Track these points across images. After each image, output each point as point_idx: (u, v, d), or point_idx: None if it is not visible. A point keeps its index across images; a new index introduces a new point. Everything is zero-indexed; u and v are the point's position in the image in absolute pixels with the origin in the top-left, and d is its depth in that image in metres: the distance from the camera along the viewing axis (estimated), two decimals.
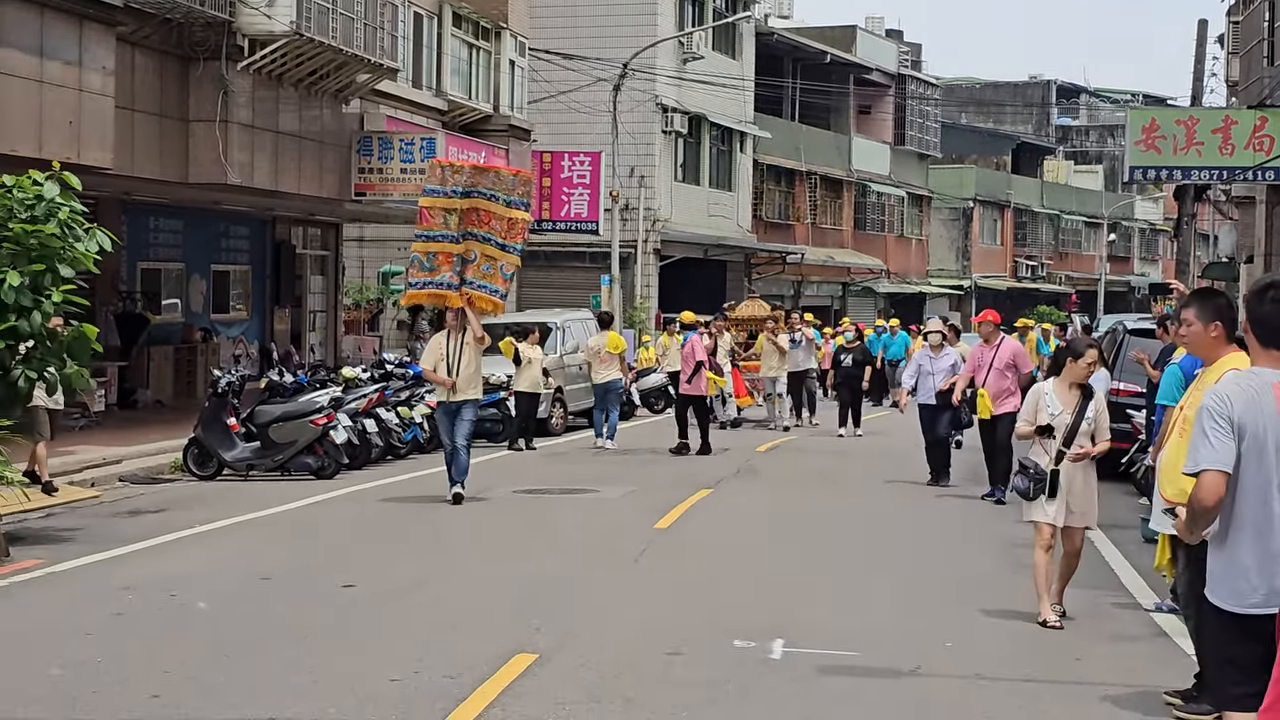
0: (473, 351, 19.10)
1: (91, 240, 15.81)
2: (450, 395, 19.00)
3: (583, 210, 42.81)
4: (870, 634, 11.16)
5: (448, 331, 19.40)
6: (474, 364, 19.10)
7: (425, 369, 19.63)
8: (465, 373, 18.98)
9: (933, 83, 74.11)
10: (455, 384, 18.86)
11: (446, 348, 19.17)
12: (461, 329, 19.19)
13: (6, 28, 20.38)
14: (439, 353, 19.21)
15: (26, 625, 11.29)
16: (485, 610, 11.90)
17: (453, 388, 18.90)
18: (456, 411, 18.96)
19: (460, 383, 18.92)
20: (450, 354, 19.08)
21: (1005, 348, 19.62)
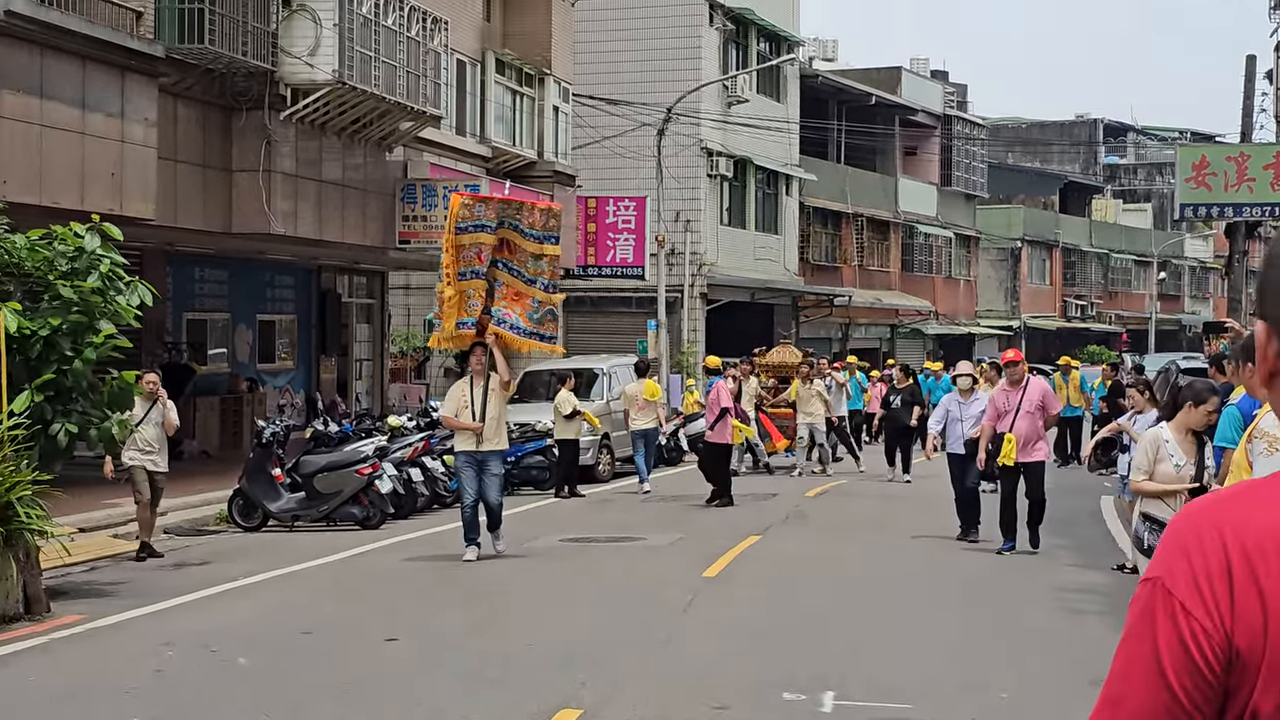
0: (498, 398, 17.89)
1: (133, 294, 15.76)
2: (476, 444, 17.74)
3: (628, 255, 42.70)
4: (923, 686, 10.89)
5: (470, 376, 18.22)
6: (499, 411, 17.89)
7: (445, 416, 18.44)
8: (491, 420, 17.75)
9: (979, 123, 73.86)
10: (482, 430, 17.66)
11: (470, 394, 17.90)
12: (485, 374, 17.95)
13: (49, 80, 20.39)
14: (461, 400, 17.97)
15: (66, 683, 11.12)
16: (530, 664, 11.68)
17: (479, 434, 17.69)
18: (483, 464, 17.74)
19: (487, 431, 17.69)
20: (475, 400, 17.82)
21: (1034, 388, 18.38)
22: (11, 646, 12.48)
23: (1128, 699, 2.17)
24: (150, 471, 18.32)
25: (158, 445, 18.49)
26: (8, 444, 13.86)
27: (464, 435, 17.84)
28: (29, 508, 13.91)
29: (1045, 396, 18.44)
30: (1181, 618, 2.11)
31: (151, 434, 18.35)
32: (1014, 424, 18.03)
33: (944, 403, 20.43)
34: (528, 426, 27.63)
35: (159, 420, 18.47)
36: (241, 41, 24.50)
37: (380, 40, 27.04)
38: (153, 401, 18.46)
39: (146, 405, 18.31)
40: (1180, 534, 2.15)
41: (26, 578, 13.97)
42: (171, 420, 18.61)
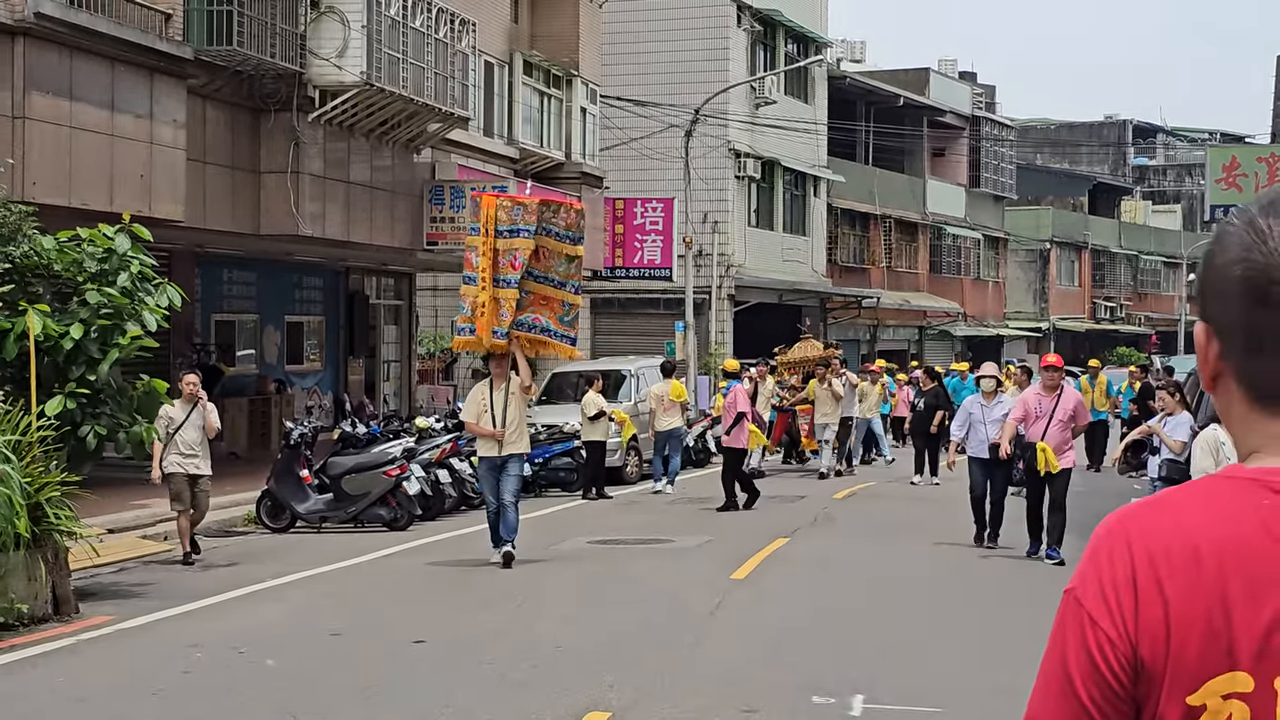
0: (519, 402, 17.68)
1: (162, 296, 15.79)
2: (497, 449, 17.57)
3: (656, 257, 42.67)
4: (952, 690, 10.84)
5: (490, 381, 17.95)
6: (519, 415, 17.69)
7: (468, 421, 18.11)
8: (512, 425, 17.57)
9: (1007, 124, 73.65)
10: (503, 435, 17.43)
11: (489, 398, 17.66)
12: (506, 378, 17.72)
13: (78, 82, 20.44)
14: (480, 404, 17.73)
15: (94, 685, 11.12)
16: (558, 666, 11.65)
17: (501, 440, 17.46)
18: (503, 467, 17.56)
19: (507, 436, 17.50)
20: (495, 405, 17.58)
21: (1069, 398, 17.89)
22: (40, 647, 12.49)
23: (1044, 712, 2.16)
24: (192, 476, 18.00)
25: (199, 449, 18.06)
26: (37, 446, 13.87)
27: (485, 441, 17.67)
28: (58, 509, 13.93)
29: (1078, 409, 17.91)
30: (1089, 628, 2.09)
31: (192, 437, 17.96)
32: (1046, 431, 17.56)
33: (966, 405, 19.79)
34: (555, 428, 27.63)
35: (200, 423, 18.05)
36: (270, 43, 24.53)
37: (408, 42, 27.04)
38: (193, 404, 18.10)
39: (187, 407, 18.01)
40: (1095, 543, 2.14)
41: (55, 579, 13.98)
42: (212, 423, 18.16)
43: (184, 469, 17.92)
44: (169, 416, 17.61)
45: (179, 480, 17.93)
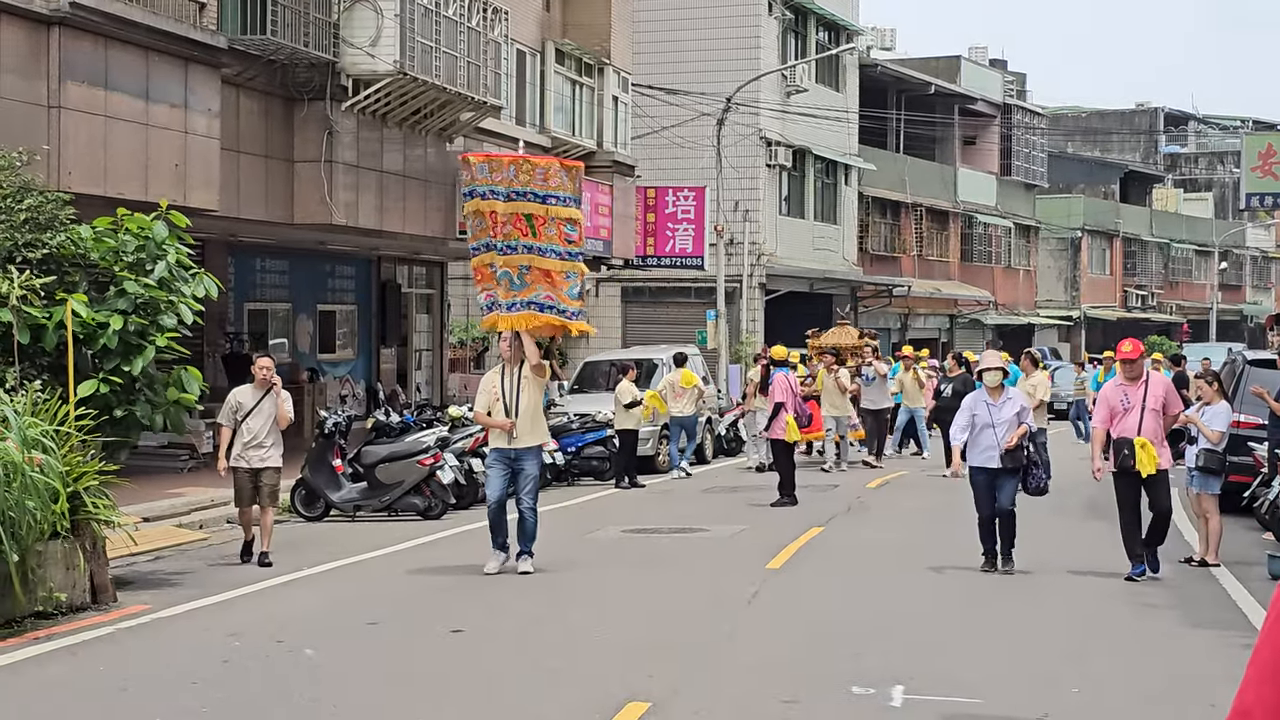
0: (533, 388, 16.11)
1: (198, 285, 15.82)
2: (510, 441, 16.00)
3: (688, 245, 42.63)
4: (993, 680, 10.80)
5: (502, 365, 16.39)
6: (535, 403, 16.12)
7: (477, 413, 16.55)
8: (525, 414, 15.99)
9: (1038, 112, 73.40)
10: (515, 426, 15.92)
11: (501, 385, 16.12)
12: (518, 361, 16.20)
13: (113, 72, 20.47)
14: (492, 393, 16.13)
15: (132, 673, 11.15)
16: (596, 656, 11.65)
17: (512, 431, 15.94)
18: (516, 461, 16.05)
19: (521, 426, 15.94)
20: (506, 392, 16.04)
21: (1157, 384, 15.70)
22: (79, 636, 12.53)
23: (1259, 702, 2.10)
24: (256, 469, 16.81)
25: (267, 439, 16.84)
26: (76, 435, 13.91)
27: (497, 431, 16.13)
28: (96, 497, 13.96)
29: (1169, 394, 15.69)
30: None
31: (259, 425, 16.78)
32: (1141, 425, 15.39)
33: (969, 405, 16.41)
34: (588, 417, 27.64)
35: (271, 412, 16.86)
36: (303, 32, 24.55)
37: (441, 31, 27.02)
38: (266, 390, 16.90)
39: (258, 394, 16.90)
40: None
41: (93, 567, 14.02)
42: (285, 412, 16.96)
43: (247, 462, 16.77)
44: (237, 402, 16.90)
45: (241, 476, 16.86)
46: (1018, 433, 15.95)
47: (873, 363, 30.89)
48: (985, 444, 16.04)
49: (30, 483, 12.65)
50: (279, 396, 16.95)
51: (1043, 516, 19.14)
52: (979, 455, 16.09)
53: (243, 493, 16.93)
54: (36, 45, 19.47)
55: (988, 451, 16.01)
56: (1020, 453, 16.00)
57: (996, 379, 16.40)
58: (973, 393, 17.01)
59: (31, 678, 11.02)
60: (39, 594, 13.18)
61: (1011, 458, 15.96)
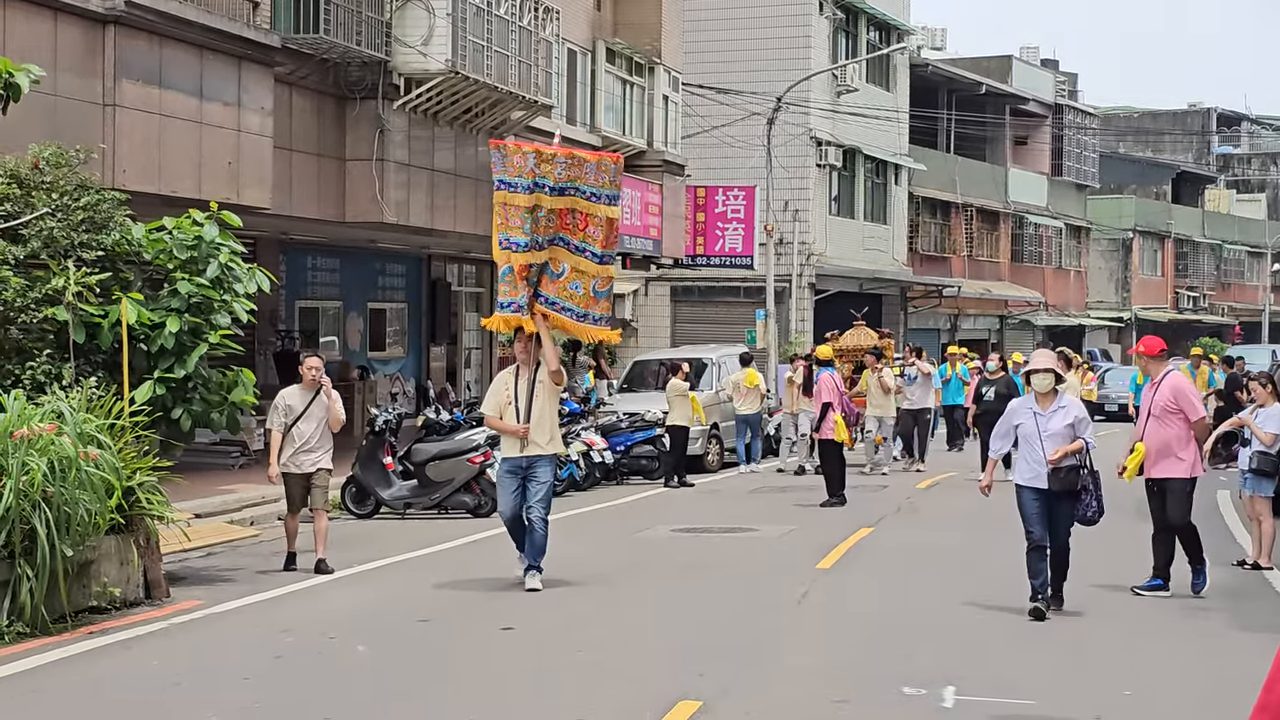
0: (548, 394, 15.05)
1: (251, 280, 15.91)
2: (520, 448, 14.91)
3: (737, 245, 42.60)
4: (1044, 681, 10.76)
5: (515, 367, 15.30)
6: (548, 409, 15.05)
7: (487, 416, 15.60)
8: (538, 420, 14.90)
9: (1090, 112, 73.08)
10: (527, 432, 14.82)
11: (513, 388, 15.07)
12: (533, 364, 15.16)
13: (167, 70, 20.60)
14: (504, 395, 15.10)
15: (185, 668, 11.21)
16: (646, 654, 11.66)
17: (524, 438, 14.85)
18: (528, 470, 14.89)
19: (533, 432, 14.84)
20: (519, 396, 15.00)
21: (1166, 385, 14.60)
22: (133, 631, 12.61)
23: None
24: (308, 474, 16.15)
25: (318, 442, 16.16)
26: (130, 431, 13.99)
27: (509, 439, 15.05)
28: (149, 493, 14.04)
29: (1177, 396, 14.54)
30: None
31: (310, 429, 16.07)
32: (1145, 429, 14.66)
33: (1012, 412, 14.03)
34: (637, 416, 27.66)
35: (322, 415, 16.19)
36: (356, 31, 24.65)
37: (493, 29, 27.10)
38: (315, 391, 16.21)
39: (307, 395, 16.18)
40: None
41: (147, 563, 14.11)
42: (337, 414, 16.30)
43: (298, 467, 16.08)
44: (287, 405, 16.15)
45: (293, 481, 16.19)
46: (1067, 448, 13.44)
47: (915, 362, 30.17)
48: (1033, 460, 13.57)
49: (85, 478, 12.75)
50: (329, 398, 16.31)
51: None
52: (1025, 473, 13.62)
53: (294, 499, 16.35)
54: (92, 44, 19.61)
55: (1035, 469, 13.53)
56: (1074, 474, 13.48)
57: (1047, 383, 13.67)
58: (1018, 399, 14.51)
59: (85, 672, 11.10)
60: (93, 589, 13.28)
61: (1062, 478, 13.42)
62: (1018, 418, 13.75)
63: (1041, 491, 13.50)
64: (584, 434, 25.43)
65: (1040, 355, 14.15)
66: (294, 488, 16.28)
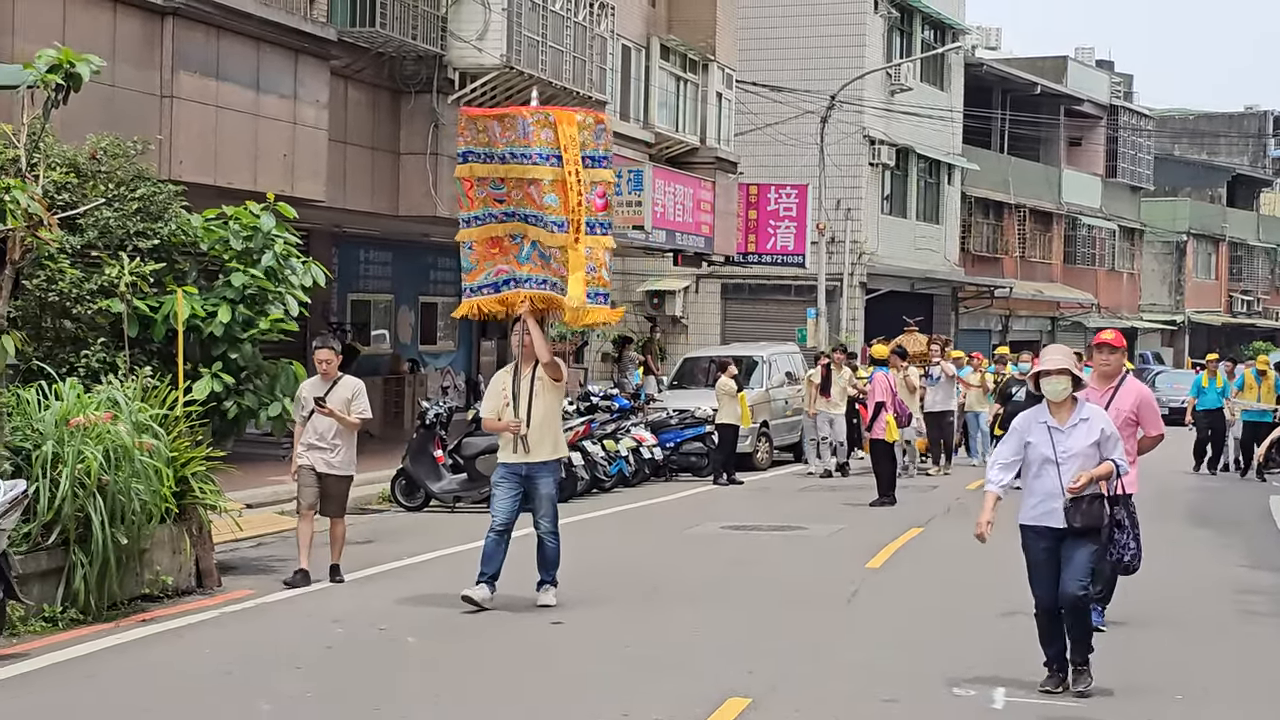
0: (550, 392, 13.52)
1: (307, 274, 15.97)
2: (520, 453, 13.41)
3: (789, 243, 42.52)
4: (1095, 684, 10.70)
5: (514, 365, 13.73)
6: (550, 410, 13.55)
7: (485, 419, 14.07)
8: (538, 422, 13.40)
9: (1145, 114, 72.68)
10: (527, 435, 13.34)
11: (511, 387, 13.57)
12: (532, 360, 13.60)
13: (224, 62, 20.71)
14: (501, 395, 13.61)
15: (237, 657, 11.27)
16: (695, 651, 11.66)
17: (523, 441, 13.36)
18: (528, 480, 13.49)
19: (533, 436, 13.35)
20: (517, 395, 13.48)
21: (1127, 392, 12.37)
22: (185, 619, 12.68)
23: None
24: (321, 474, 14.69)
25: (333, 439, 14.65)
26: (184, 421, 14.07)
27: (507, 443, 13.58)
28: (202, 483, 14.13)
29: (1141, 407, 12.39)
30: None
31: (325, 424, 14.65)
32: None
33: (1020, 426, 10.79)
34: (687, 413, 27.65)
35: (341, 407, 14.67)
36: (411, 25, 24.74)
37: (548, 25, 27.14)
38: (331, 384, 14.78)
39: (323, 389, 14.77)
40: None
41: (199, 552, 14.20)
42: (350, 421, 14.68)
43: (310, 462, 14.63)
44: (304, 397, 14.88)
45: (305, 474, 14.67)
46: (1093, 472, 10.37)
47: (940, 362, 29.42)
48: (1045, 490, 10.49)
49: (140, 467, 12.83)
50: (347, 389, 14.79)
51: (1150, 524, 18.91)
52: (1035, 508, 10.57)
53: (304, 493, 14.69)
54: (150, 35, 19.73)
55: (1048, 503, 10.46)
56: (1098, 505, 10.41)
57: (1061, 389, 10.54)
58: (1027, 410, 10.99)
59: (138, 659, 11.17)
60: (146, 576, 13.38)
61: (1083, 510, 10.34)
62: (1029, 434, 10.63)
63: (1055, 533, 10.41)
64: (634, 430, 25.44)
65: (1053, 353, 10.84)
66: (305, 481, 14.66)
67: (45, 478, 12.23)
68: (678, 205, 33.90)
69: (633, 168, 31.75)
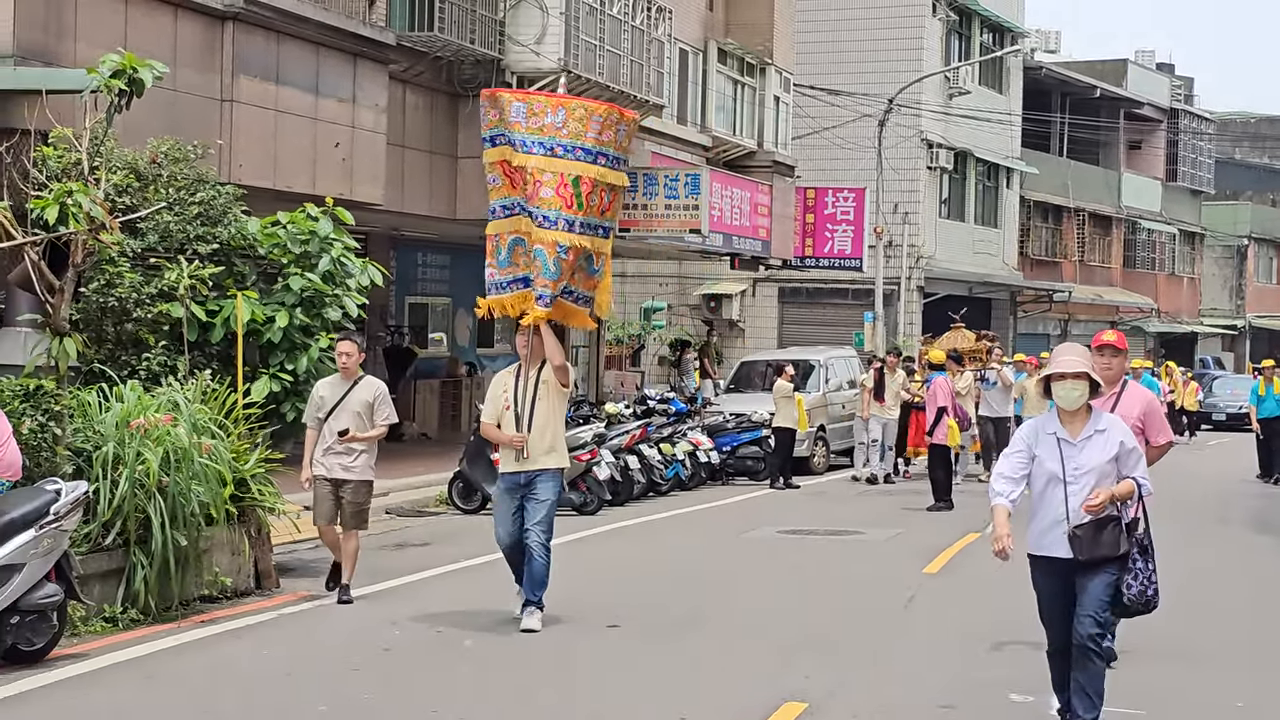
0: (554, 397, 12.80)
1: (364, 273, 16.05)
2: (520, 462, 12.66)
3: (846, 247, 42.40)
4: (1153, 690, 10.65)
5: (516, 366, 13.02)
6: (553, 415, 12.78)
7: (485, 424, 13.15)
8: (540, 427, 12.63)
9: (1206, 117, 72.23)
10: (527, 444, 12.58)
11: (513, 390, 12.83)
12: (536, 361, 12.92)
13: (284, 66, 20.80)
14: (503, 399, 12.84)
15: (295, 659, 11.33)
16: (752, 655, 11.65)
17: (519, 448, 12.61)
18: (527, 488, 12.67)
19: (534, 443, 12.59)
20: (519, 399, 12.75)
21: (1132, 398, 11.05)
22: (243, 620, 12.75)
23: None
24: (336, 481, 13.67)
25: (356, 444, 13.66)
26: (243, 423, 14.15)
27: (507, 451, 12.85)
28: (261, 485, 14.21)
29: (1149, 414, 11.08)
30: None
31: (341, 427, 13.59)
32: None
33: (1025, 438, 9.27)
34: (743, 416, 27.62)
35: (357, 409, 13.61)
36: (469, 29, 24.81)
37: (605, 29, 27.18)
38: (352, 383, 13.73)
39: (341, 387, 13.72)
40: None
41: (258, 553, 14.28)
42: (369, 435, 13.67)
43: (326, 471, 13.63)
44: (320, 396, 13.79)
45: (320, 486, 13.68)
46: (1110, 490, 8.94)
47: (996, 366, 28.92)
48: (1052, 514, 9.09)
49: (199, 468, 12.91)
50: (369, 390, 13.74)
51: (1209, 526, 18.84)
52: (1042, 535, 9.18)
53: (320, 506, 13.73)
54: (211, 40, 19.84)
55: (1056, 529, 9.06)
56: (1115, 529, 8.97)
57: (1079, 397, 9.02)
58: (1033, 420, 9.49)
59: (197, 660, 11.24)
60: (205, 577, 13.46)
61: (1093, 538, 8.94)
62: (1036, 446, 9.16)
63: (1064, 565, 9.07)
64: (690, 434, 25.43)
65: (1068, 353, 9.22)
66: (322, 493, 13.71)
67: (106, 479, 12.32)
68: (735, 209, 33.84)
69: (690, 171, 31.73)
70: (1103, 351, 10.90)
